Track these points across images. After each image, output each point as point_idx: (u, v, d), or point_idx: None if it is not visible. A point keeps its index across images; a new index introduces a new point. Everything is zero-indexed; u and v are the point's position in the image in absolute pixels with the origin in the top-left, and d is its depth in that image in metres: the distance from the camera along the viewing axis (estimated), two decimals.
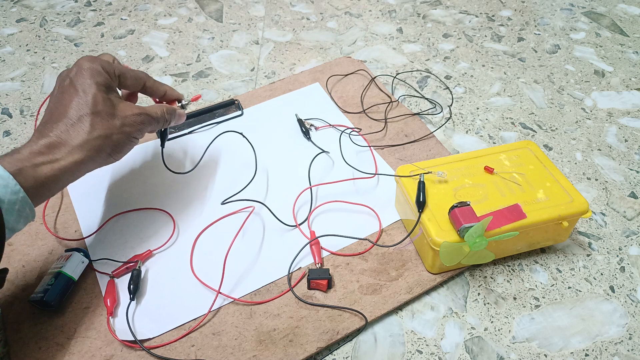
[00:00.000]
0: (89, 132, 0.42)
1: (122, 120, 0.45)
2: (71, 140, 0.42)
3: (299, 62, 0.78)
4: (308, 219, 0.54)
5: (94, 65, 0.45)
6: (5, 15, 0.88)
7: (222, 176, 0.60)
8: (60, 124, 0.42)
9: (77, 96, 0.43)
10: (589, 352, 0.45)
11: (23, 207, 0.39)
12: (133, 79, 0.49)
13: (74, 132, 0.42)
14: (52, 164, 0.40)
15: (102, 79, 0.45)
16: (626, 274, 0.51)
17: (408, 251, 0.52)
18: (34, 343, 0.45)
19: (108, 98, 0.45)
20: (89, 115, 0.43)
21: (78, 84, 0.44)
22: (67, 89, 0.44)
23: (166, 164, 0.55)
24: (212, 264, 0.50)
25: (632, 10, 0.90)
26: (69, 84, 0.44)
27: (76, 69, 0.45)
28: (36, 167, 0.40)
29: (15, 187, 0.38)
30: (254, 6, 0.91)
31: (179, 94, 0.54)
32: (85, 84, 0.44)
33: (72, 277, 0.47)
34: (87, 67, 0.45)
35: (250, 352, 0.44)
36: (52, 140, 0.41)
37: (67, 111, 0.43)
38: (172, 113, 0.51)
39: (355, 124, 0.66)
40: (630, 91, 0.74)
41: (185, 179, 0.59)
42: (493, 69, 0.77)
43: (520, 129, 0.67)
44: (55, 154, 0.41)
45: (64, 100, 0.43)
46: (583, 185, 0.60)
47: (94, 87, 0.44)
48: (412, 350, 0.45)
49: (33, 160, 0.40)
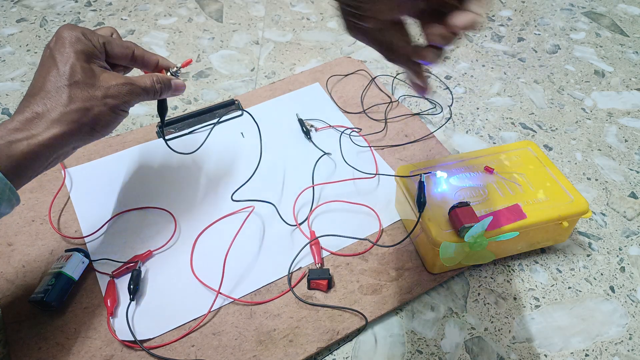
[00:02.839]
0: (66, 105, 0.39)
1: (105, 90, 0.41)
2: (49, 114, 0.39)
3: (299, 62, 0.78)
4: (308, 218, 0.54)
5: (74, 32, 0.42)
6: (5, 15, 0.88)
7: (223, 176, 0.60)
8: (37, 98, 0.39)
9: (55, 67, 0.40)
10: (589, 352, 0.45)
11: (3, 189, 0.37)
12: (120, 47, 0.45)
13: (50, 105, 0.39)
14: (29, 140, 0.38)
15: (81, 46, 0.41)
16: (626, 274, 0.51)
17: (408, 251, 0.52)
18: (34, 343, 0.45)
19: (89, 67, 0.41)
20: (67, 87, 0.40)
21: (56, 54, 0.41)
22: (46, 61, 0.41)
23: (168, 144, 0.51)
24: (212, 264, 0.50)
25: (632, 10, 0.90)
26: (48, 55, 0.41)
27: (55, 38, 0.42)
28: (11, 144, 0.37)
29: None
30: (254, 6, 0.91)
31: (170, 62, 0.50)
32: (64, 53, 0.41)
33: (73, 277, 0.47)
34: (66, 35, 0.41)
35: (250, 352, 0.44)
36: (28, 115, 0.39)
37: (45, 84, 0.40)
38: (164, 82, 0.47)
39: (356, 124, 0.66)
40: (630, 91, 0.74)
41: (186, 179, 0.59)
42: (493, 69, 0.77)
43: (520, 129, 0.67)
44: (32, 129, 0.38)
45: (43, 72, 0.41)
46: (583, 186, 0.60)
47: (72, 56, 0.41)
48: (412, 351, 0.45)
49: (8, 138, 0.37)
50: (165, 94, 0.48)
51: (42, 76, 0.40)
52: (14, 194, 0.38)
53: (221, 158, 0.61)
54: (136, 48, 0.47)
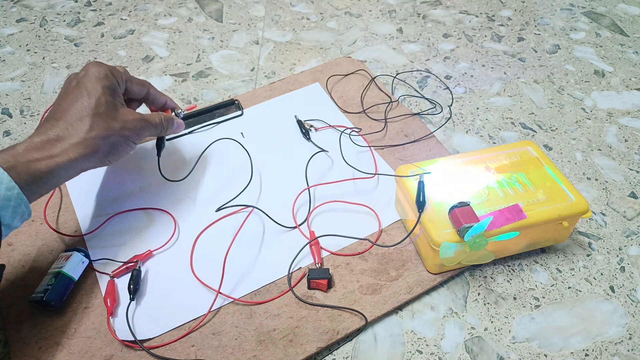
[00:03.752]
0: (88, 131, 0.43)
1: (123, 124, 0.46)
2: (69, 138, 0.42)
3: (299, 62, 0.78)
4: (307, 219, 0.54)
5: (102, 69, 0.47)
6: (5, 15, 0.88)
7: (223, 176, 0.60)
8: (60, 122, 0.43)
9: (81, 97, 0.44)
10: (589, 352, 0.45)
11: (18, 204, 0.39)
12: (139, 84, 0.51)
13: (72, 130, 0.43)
14: (48, 160, 0.41)
15: (108, 82, 0.46)
16: (626, 274, 0.51)
17: (408, 251, 0.52)
18: (34, 343, 0.45)
19: (112, 102, 0.46)
20: (90, 116, 0.44)
21: (84, 86, 0.45)
22: (72, 90, 0.45)
23: (162, 172, 0.55)
24: (212, 264, 0.50)
25: (632, 10, 0.90)
26: (76, 85, 0.45)
27: (84, 72, 0.46)
28: (30, 162, 0.40)
29: (9, 183, 0.38)
30: (254, 6, 0.91)
31: (176, 104, 0.57)
32: (91, 87, 0.45)
33: (72, 277, 0.47)
34: (94, 71, 0.46)
35: (250, 352, 0.44)
36: (50, 136, 0.42)
37: (70, 110, 0.44)
38: (169, 121, 0.53)
39: (355, 124, 0.66)
40: (630, 91, 0.74)
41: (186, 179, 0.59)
42: (493, 69, 0.77)
43: (520, 129, 0.67)
44: (52, 150, 0.41)
45: (68, 100, 0.44)
46: (583, 185, 0.60)
47: (99, 89, 0.45)
48: (412, 350, 0.45)
49: (28, 156, 0.40)
50: (169, 131, 0.53)
51: (67, 103, 0.44)
52: (28, 208, 0.40)
53: (221, 159, 0.61)
54: (150, 87, 0.53)
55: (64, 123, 0.43)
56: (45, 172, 0.41)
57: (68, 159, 0.42)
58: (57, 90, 0.73)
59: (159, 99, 0.54)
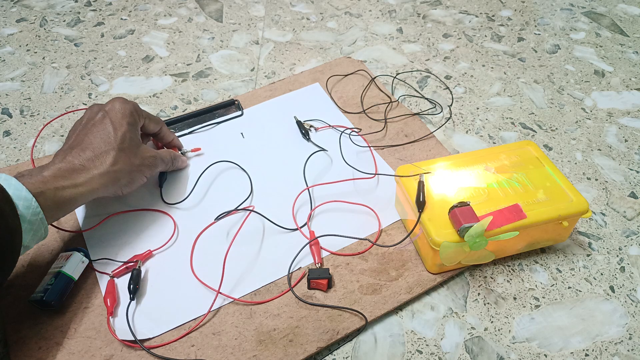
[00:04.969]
0: (112, 165, 0.47)
1: (142, 160, 0.50)
2: (94, 169, 0.46)
3: (299, 62, 0.78)
4: (308, 218, 0.54)
5: (128, 106, 0.50)
6: (5, 15, 0.88)
7: (222, 177, 0.60)
8: (87, 152, 0.46)
9: (107, 131, 0.48)
10: (589, 352, 0.45)
11: (39, 228, 0.41)
12: (155, 122, 0.55)
13: (98, 162, 0.46)
14: (72, 189, 0.44)
15: (132, 120, 0.50)
16: (626, 274, 0.51)
17: (408, 251, 0.52)
18: (34, 343, 0.45)
19: (136, 138, 0.50)
20: (115, 150, 0.47)
21: (111, 120, 0.48)
22: (99, 122, 0.48)
23: (164, 198, 0.57)
24: (212, 264, 0.50)
25: (632, 10, 0.90)
26: (102, 117, 0.49)
27: (110, 105, 0.50)
28: (58, 190, 0.42)
29: (36, 209, 0.40)
30: (254, 6, 0.91)
31: (181, 143, 0.61)
32: (117, 122, 0.48)
33: (72, 277, 0.47)
34: (120, 107, 0.50)
35: (250, 352, 0.44)
36: (76, 165, 0.45)
37: (96, 142, 0.47)
38: (176, 159, 0.57)
39: (355, 124, 0.66)
40: (630, 91, 0.74)
41: (186, 178, 0.59)
42: (493, 69, 0.77)
43: (520, 129, 0.67)
44: (77, 179, 0.44)
45: (95, 131, 0.48)
46: (583, 185, 0.60)
47: (125, 126, 0.49)
48: (412, 350, 0.45)
49: (55, 184, 0.42)
50: (175, 167, 0.58)
51: (93, 135, 0.47)
52: (46, 231, 0.43)
53: (221, 158, 0.61)
54: (163, 125, 0.57)
55: (91, 153, 0.46)
56: (68, 199, 0.43)
57: (90, 189, 0.45)
58: (57, 90, 0.73)
59: (168, 136, 0.58)
